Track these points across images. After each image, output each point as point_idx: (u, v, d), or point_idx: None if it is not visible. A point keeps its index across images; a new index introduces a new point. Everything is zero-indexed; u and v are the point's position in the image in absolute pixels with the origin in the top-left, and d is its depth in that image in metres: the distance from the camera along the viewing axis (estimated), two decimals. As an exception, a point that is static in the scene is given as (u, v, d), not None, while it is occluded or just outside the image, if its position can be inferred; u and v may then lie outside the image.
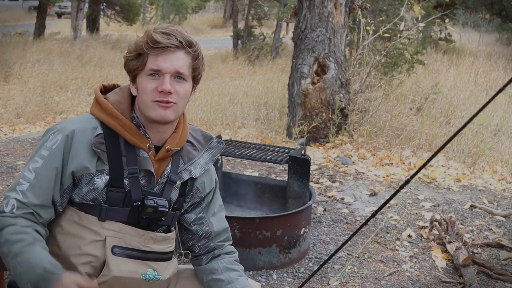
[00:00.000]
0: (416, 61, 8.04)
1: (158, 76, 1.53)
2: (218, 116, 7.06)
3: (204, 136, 1.73)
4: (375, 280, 3.18)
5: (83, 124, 1.56)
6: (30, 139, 6.00)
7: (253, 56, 13.32)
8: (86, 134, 1.54)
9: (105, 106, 1.57)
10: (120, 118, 1.55)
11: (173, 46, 1.52)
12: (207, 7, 28.29)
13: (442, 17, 11.66)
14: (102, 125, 1.56)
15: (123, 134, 1.55)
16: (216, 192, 1.77)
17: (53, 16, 26.49)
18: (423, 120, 6.69)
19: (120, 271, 1.55)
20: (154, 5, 23.88)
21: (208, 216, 1.74)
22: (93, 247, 1.54)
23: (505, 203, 4.56)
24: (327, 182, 4.92)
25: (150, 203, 1.56)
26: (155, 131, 1.59)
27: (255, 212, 3.87)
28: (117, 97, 1.61)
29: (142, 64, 1.53)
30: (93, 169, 1.53)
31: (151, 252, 1.62)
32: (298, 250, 3.32)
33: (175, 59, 1.52)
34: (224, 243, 1.77)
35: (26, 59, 9.92)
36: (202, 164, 1.68)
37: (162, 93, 1.52)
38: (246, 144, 3.96)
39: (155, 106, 1.53)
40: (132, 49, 1.55)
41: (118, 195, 1.55)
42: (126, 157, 1.56)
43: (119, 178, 1.54)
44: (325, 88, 6.13)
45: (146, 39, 1.52)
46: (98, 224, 1.54)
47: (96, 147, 1.52)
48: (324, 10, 6.10)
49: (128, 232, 1.58)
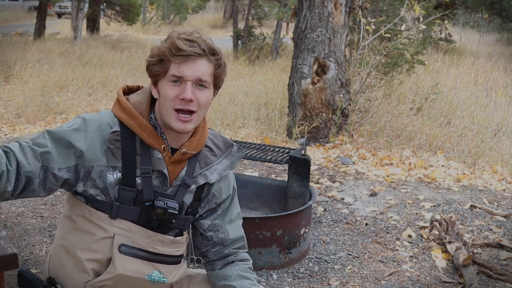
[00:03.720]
0: (416, 61, 8.04)
1: (180, 82, 1.53)
2: (218, 116, 7.06)
3: (225, 142, 1.72)
4: (375, 280, 3.18)
5: (102, 118, 1.57)
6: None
7: (253, 56, 13.32)
8: (102, 128, 1.55)
9: (125, 106, 1.58)
10: (138, 118, 1.56)
11: (196, 55, 1.52)
12: (207, 7, 28.32)
13: (442, 17, 11.67)
14: (120, 124, 1.57)
15: (139, 134, 1.56)
16: (234, 199, 1.76)
17: (53, 16, 26.49)
18: (423, 120, 6.69)
19: (125, 270, 1.56)
20: (154, 5, 23.89)
21: (224, 223, 1.73)
22: (101, 244, 1.55)
23: (505, 203, 4.56)
24: (327, 182, 4.92)
25: (159, 204, 1.56)
26: (172, 134, 1.60)
27: (255, 212, 3.87)
28: (138, 98, 1.62)
29: (164, 70, 1.53)
30: (105, 162, 1.53)
31: (159, 254, 1.62)
32: (298, 250, 3.33)
33: (197, 67, 1.52)
34: (239, 250, 1.76)
35: (26, 59, 9.92)
36: (220, 170, 1.67)
37: (184, 100, 1.52)
38: (246, 144, 3.96)
39: (175, 117, 1.54)
40: (155, 54, 1.54)
41: (130, 193, 1.55)
42: (140, 157, 1.56)
43: (131, 177, 1.55)
44: (325, 88, 6.13)
45: (169, 46, 1.51)
46: (108, 221, 1.55)
47: (111, 143, 1.53)
48: (324, 10, 6.10)
49: (137, 232, 1.58)
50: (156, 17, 24.44)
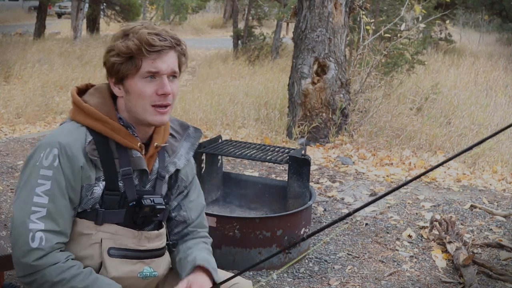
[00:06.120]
0: (417, 61, 8.05)
1: (155, 78, 1.52)
2: (218, 116, 7.06)
3: (181, 125, 1.74)
4: (375, 280, 3.18)
5: (73, 135, 1.52)
6: (30, 139, 6.00)
7: (253, 56, 13.31)
8: (79, 145, 1.50)
9: (90, 111, 1.53)
10: (109, 122, 1.53)
11: (168, 48, 1.52)
12: (207, 7, 28.30)
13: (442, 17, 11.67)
14: (90, 131, 1.53)
15: (114, 137, 1.54)
16: (196, 179, 1.79)
17: (53, 16, 26.48)
18: (423, 120, 6.69)
19: (117, 272, 1.56)
20: (154, 5, 23.88)
21: (187, 202, 1.75)
22: (90, 250, 1.55)
23: (505, 203, 4.56)
24: (327, 182, 4.92)
25: (147, 203, 1.57)
26: (142, 130, 1.59)
27: (255, 212, 3.87)
28: (97, 99, 1.57)
29: (136, 68, 1.51)
30: (94, 178, 1.52)
31: (147, 250, 1.63)
32: (298, 250, 3.33)
33: (170, 59, 1.53)
34: (197, 229, 1.78)
35: (26, 59, 9.93)
36: (184, 154, 1.70)
37: (164, 96, 1.52)
38: (246, 144, 3.96)
39: (153, 112, 1.53)
40: (122, 53, 1.50)
41: (114, 198, 1.55)
42: (119, 160, 1.55)
43: (114, 182, 1.54)
44: (325, 88, 6.13)
45: (139, 43, 1.48)
46: (95, 228, 1.55)
47: (92, 155, 1.50)
48: (324, 10, 6.10)
49: (124, 233, 1.59)
50: (156, 17, 24.43)
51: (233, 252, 3.18)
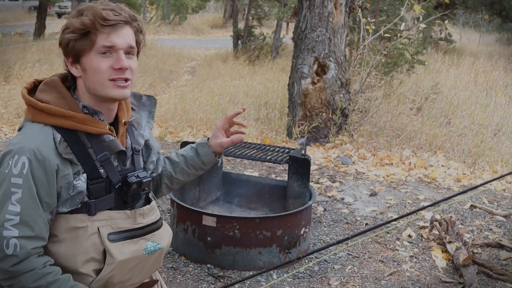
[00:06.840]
0: (417, 61, 8.04)
1: (111, 53, 1.51)
2: (218, 116, 7.06)
3: (135, 96, 1.75)
4: (375, 280, 3.18)
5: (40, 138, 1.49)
6: (30, 139, 5.99)
7: (253, 56, 13.32)
8: (49, 146, 1.48)
9: (51, 110, 1.51)
10: (73, 115, 1.51)
11: (123, 23, 1.51)
12: (207, 7, 28.32)
13: (442, 17, 11.67)
14: (56, 129, 1.51)
15: (83, 129, 1.52)
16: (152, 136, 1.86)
17: (53, 16, 26.49)
18: (423, 120, 6.69)
19: (122, 255, 1.56)
20: (154, 5, 23.89)
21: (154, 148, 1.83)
22: (90, 242, 1.54)
23: (505, 203, 4.56)
24: (327, 182, 4.92)
25: (133, 180, 1.59)
26: (106, 110, 1.58)
27: (255, 212, 3.87)
28: (51, 94, 1.56)
29: (90, 43, 1.50)
30: (71, 174, 1.51)
31: (145, 226, 1.64)
32: (298, 250, 3.33)
33: (125, 34, 1.52)
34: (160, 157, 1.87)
35: (26, 59, 9.92)
36: (145, 123, 1.72)
37: (120, 70, 1.51)
38: (246, 144, 3.96)
39: (112, 85, 1.52)
40: (76, 29, 1.49)
41: (99, 186, 1.55)
42: (92, 148, 1.54)
43: (94, 170, 1.54)
44: (325, 88, 6.13)
45: (93, 17, 1.48)
46: (88, 219, 1.54)
47: (66, 154, 1.49)
48: (324, 10, 6.10)
49: (118, 216, 1.59)
50: (156, 17, 24.44)
51: (233, 252, 3.18)
